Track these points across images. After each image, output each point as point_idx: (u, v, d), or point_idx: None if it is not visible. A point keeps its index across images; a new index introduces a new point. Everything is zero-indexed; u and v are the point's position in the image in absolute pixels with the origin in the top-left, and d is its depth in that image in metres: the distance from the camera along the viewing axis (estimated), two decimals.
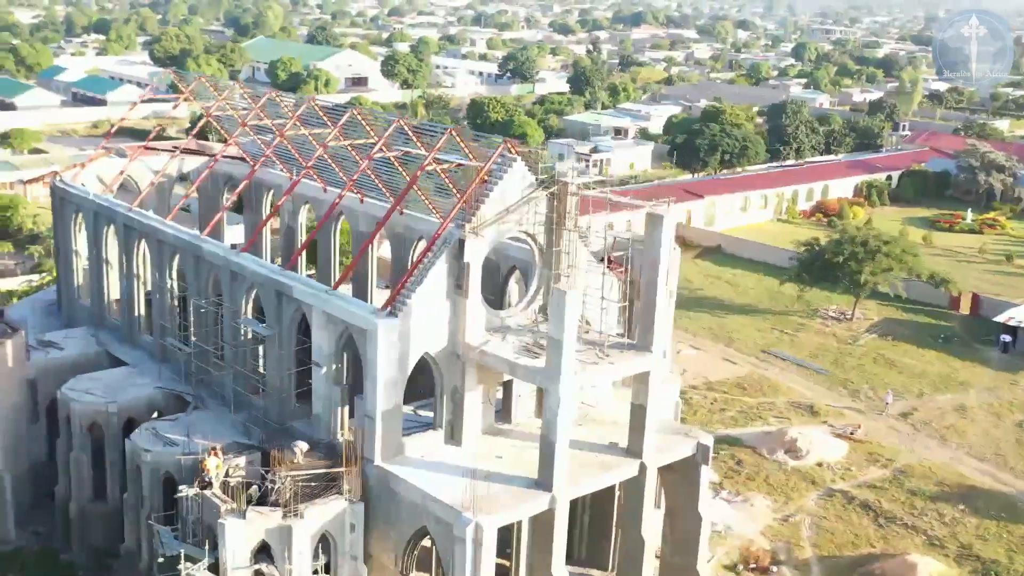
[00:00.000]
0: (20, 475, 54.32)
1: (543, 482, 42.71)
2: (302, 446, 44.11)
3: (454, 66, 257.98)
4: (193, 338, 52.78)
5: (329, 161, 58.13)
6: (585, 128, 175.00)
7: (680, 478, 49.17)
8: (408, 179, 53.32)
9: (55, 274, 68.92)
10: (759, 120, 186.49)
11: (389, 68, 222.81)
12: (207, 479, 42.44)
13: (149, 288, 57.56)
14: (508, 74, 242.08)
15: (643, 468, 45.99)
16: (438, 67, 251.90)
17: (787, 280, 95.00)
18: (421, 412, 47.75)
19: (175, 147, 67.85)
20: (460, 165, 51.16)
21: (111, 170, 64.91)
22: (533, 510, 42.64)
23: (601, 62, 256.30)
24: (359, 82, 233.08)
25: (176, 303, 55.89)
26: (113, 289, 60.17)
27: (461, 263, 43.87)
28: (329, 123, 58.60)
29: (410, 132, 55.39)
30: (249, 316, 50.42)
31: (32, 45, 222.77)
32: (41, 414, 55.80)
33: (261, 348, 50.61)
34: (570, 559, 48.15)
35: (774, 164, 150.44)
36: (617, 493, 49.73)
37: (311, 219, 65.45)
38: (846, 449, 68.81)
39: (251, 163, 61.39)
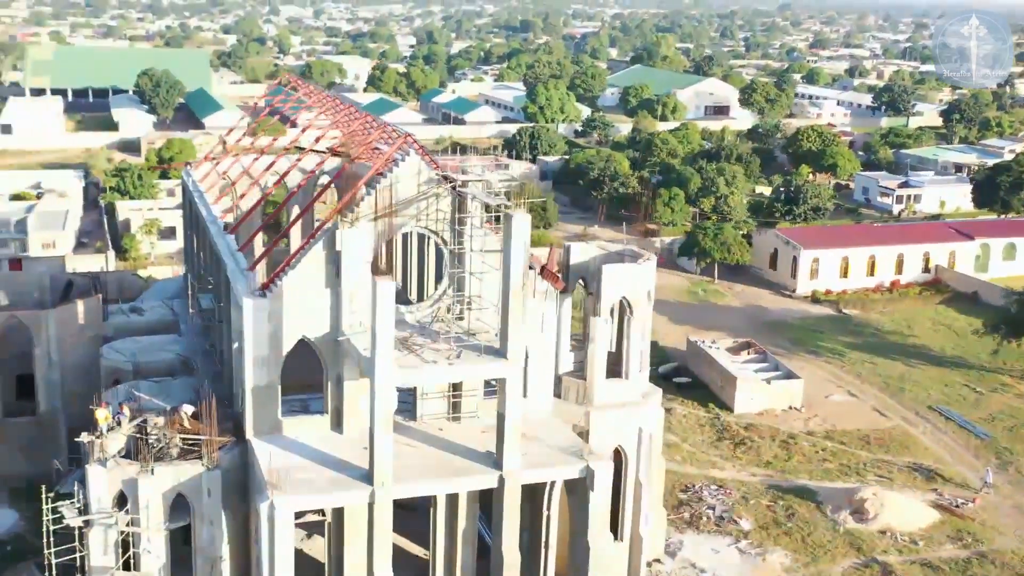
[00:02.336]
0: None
1: (368, 475, 42.57)
2: (187, 410, 47.25)
3: (824, 95, 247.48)
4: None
5: None
6: (917, 162, 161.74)
7: (577, 501, 46.38)
8: None
9: None
10: None
11: (746, 97, 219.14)
12: (100, 429, 46.86)
13: None
14: (883, 106, 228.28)
15: (502, 481, 44.07)
16: (805, 96, 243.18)
17: (984, 333, 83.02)
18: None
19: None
20: (355, 160, 51.70)
21: None
22: (346, 501, 42.63)
23: (1006, 99, 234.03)
24: (720, 110, 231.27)
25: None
26: None
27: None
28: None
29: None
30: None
31: (422, 70, 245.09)
32: None
33: None
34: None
35: None
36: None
37: None
38: (931, 520, 59.77)
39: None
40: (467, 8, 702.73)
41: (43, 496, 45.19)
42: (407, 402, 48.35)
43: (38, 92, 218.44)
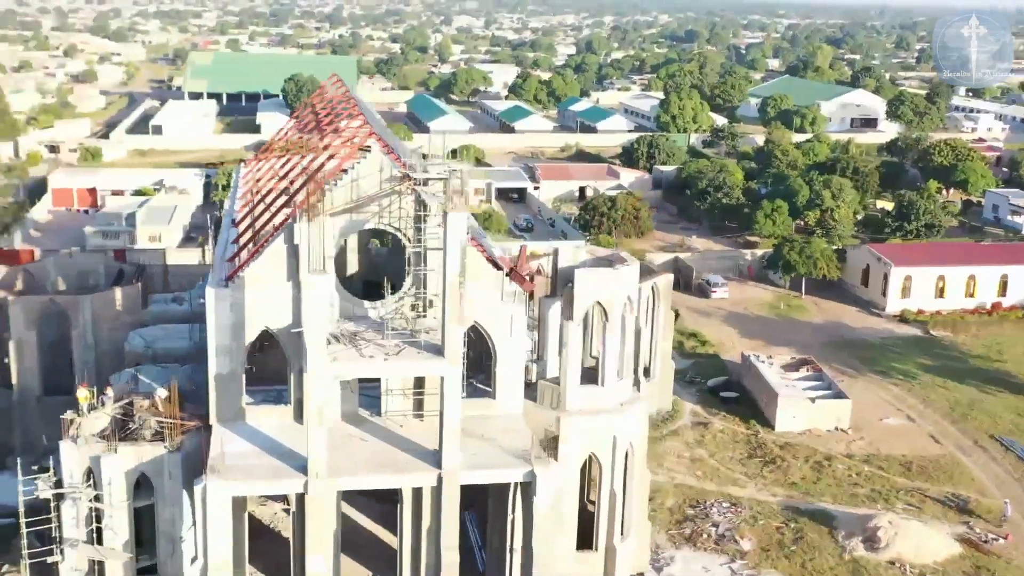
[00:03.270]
0: None
1: (304, 465, 43.25)
2: (160, 394, 49.00)
3: (984, 109, 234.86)
4: None
5: None
6: None
7: (525, 507, 45.80)
8: None
9: None
10: None
11: (893, 109, 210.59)
12: (82, 408, 49.19)
13: None
14: None
15: (441, 479, 44.00)
16: (962, 110, 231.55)
17: None
18: None
19: None
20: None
21: None
22: (280, 490, 43.43)
23: None
24: (868, 123, 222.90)
25: None
26: None
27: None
28: None
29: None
30: None
31: (564, 79, 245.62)
32: None
33: None
34: None
35: None
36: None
37: None
38: (950, 553, 56.33)
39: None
40: (641, 19, 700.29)
41: (18, 469, 47.79)
42: (376, 397, 48.92)
43: (196, 96, 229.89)
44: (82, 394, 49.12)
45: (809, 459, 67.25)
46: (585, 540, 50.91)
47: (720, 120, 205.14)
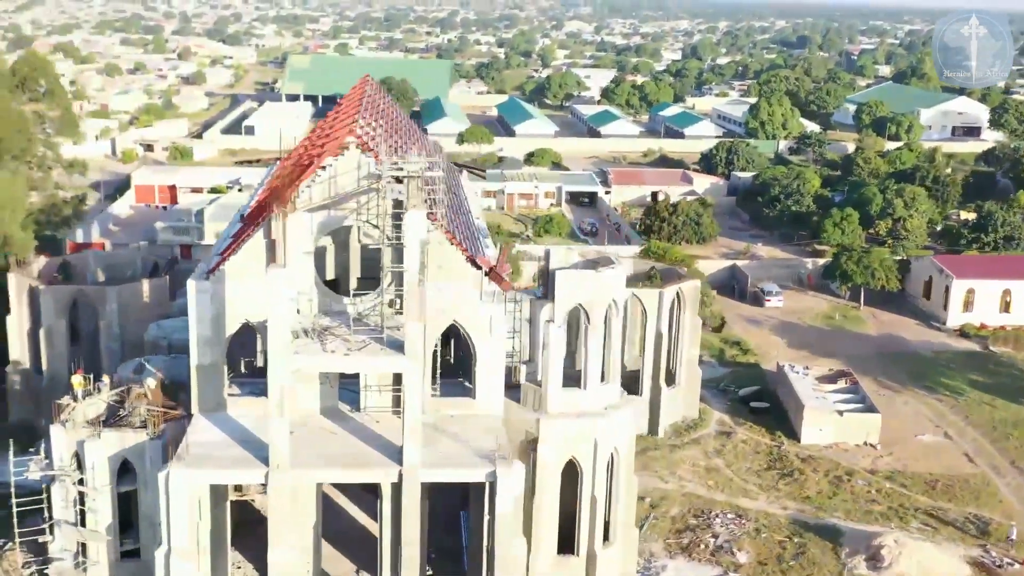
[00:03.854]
0: None
1: (268, 456, 43.88)
2: (150, 383, 50.40)
3: None
4: None
5: None
6: None
7: (489, 507, 45.60)
8: None
9: None
10: None
11: (996, 117, 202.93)
12: (76, 393, 50.84)
13: None
14: None
15: (402, 476, 44.13)
16: None
17: None
18: None
19: None
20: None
21: None
22: (240, 479, 44.26)
23: None
24: (971, 131, 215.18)
25: None
26: None
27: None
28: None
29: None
30: None
31: (657, 84, 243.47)
32: None
33: None
34: None
35: None
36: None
37: None
38: (959, 575, 54.01)
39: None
40: (757, 24, 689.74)
41: (10, 450, 49.67)
42: (357, 392, 49.35)
43: (293, 98, 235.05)
44: (76, 380, 50.83)
45: (829, 473, 65.30)
46: (570, 544, 50.59)
47: (813, 127, 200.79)
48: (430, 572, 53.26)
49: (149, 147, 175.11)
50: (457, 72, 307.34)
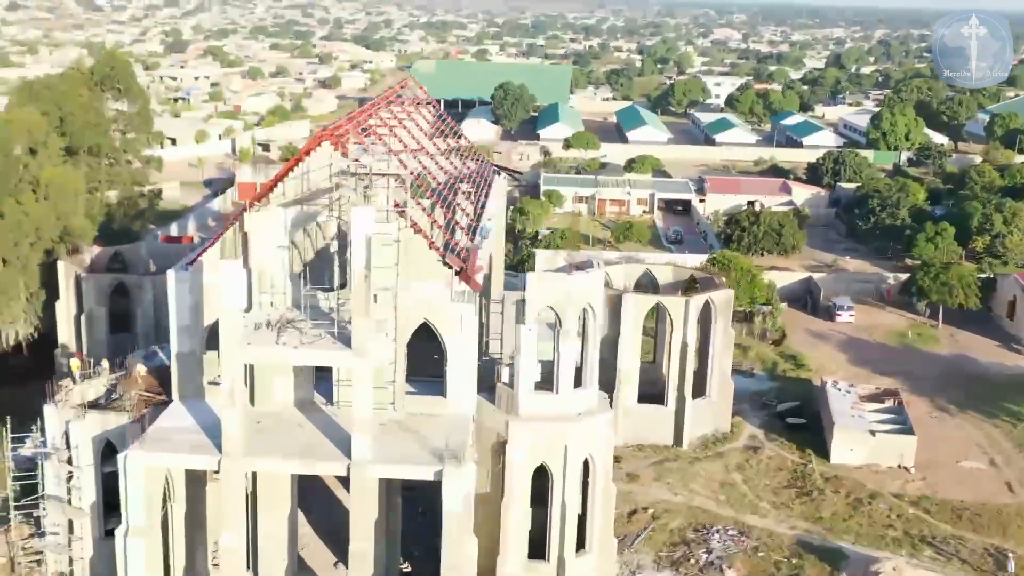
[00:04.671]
0: None
1: (219, 445, 44.93)
2: (140, 369, 52.21)
3: None
4: None
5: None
6: None
7: (438, 507, 45.56)
8: None
9: None
10: None
11: None
12: (74, 375, 53.12)
13: None
14: None
15: (350, 470, 44.51)
16: None
17: None
18: None
19: None
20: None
21: None
22: (194, 464, 45.34)
23: None
24: None
25: None
26: None
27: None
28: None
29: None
30: None
31: (783, 93, 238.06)
32: None
33: None
34: None
35: None
36: None
37: None
38: None
39: None
40: (916, 32, 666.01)
41: (7, 428, 52.24)
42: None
43: None
44: (74, 363, 53.12)
45: (850, 495, 62.67)
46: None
47: (941, 139, 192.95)
48: (408, 569, 53.80)
49: (266, 147, 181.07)
50: (586, 78, 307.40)
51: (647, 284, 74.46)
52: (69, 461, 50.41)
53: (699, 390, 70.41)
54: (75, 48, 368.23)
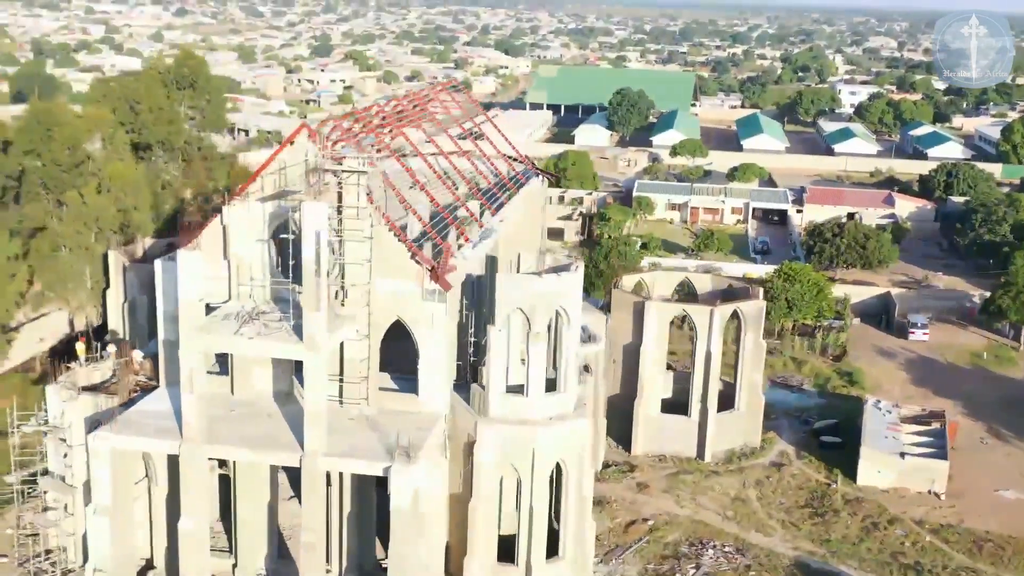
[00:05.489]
0: None
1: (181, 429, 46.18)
2: (136, 355, 54.08)
3: None
4: None
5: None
6: None
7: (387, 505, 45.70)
8: None
9: None
10: None
11: None
12: (80, 359, 55.38)
13: None
14: None
15: (302, 461, 45.06)
16: None
17: None
18: None
19: None
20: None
21: None
22: (154, 448, 46.69)
23: None
24: None
25: None
26: None
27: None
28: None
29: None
30: None
31: (915, 102, 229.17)
32: None
33: None
34: None
35: None
36: None
37: None
38: None
39: None
40: None
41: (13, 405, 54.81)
42: None
43: (537, 107, 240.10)
44: (79, 347, 55.39)
45: (868, 518, 59.91)
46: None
47: None
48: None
49: None
50: (717, 85, 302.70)
51: (686, 292, 73.16)
52: (63, 440, 52.70)
53: (729, 402, 68.61)
54: (226, 51, 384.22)
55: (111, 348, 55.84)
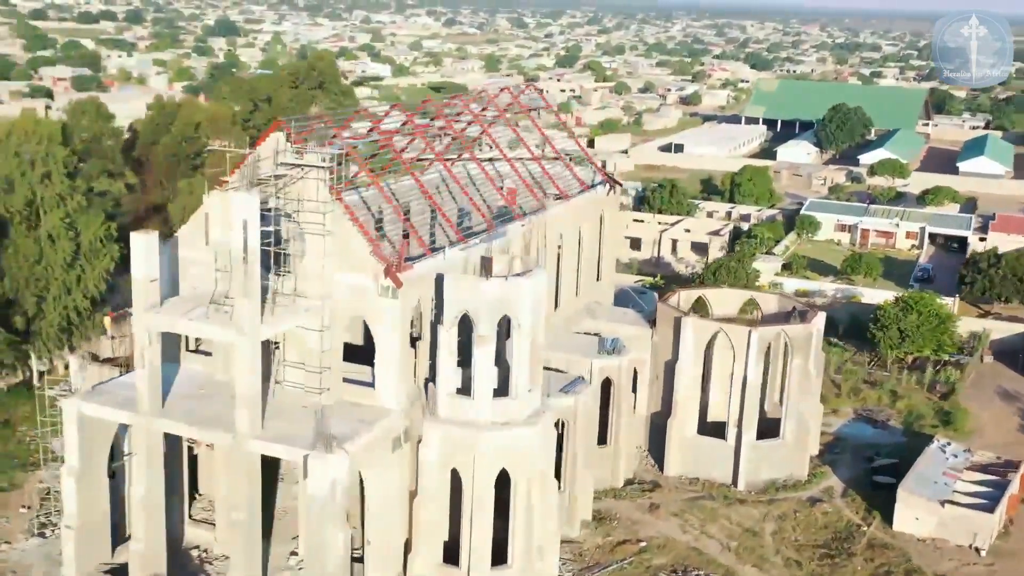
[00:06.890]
0: None
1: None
2: (106, 321, 57.64)
3: None
4: None
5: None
6: None
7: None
8: None
9: None
10: None
11: None
12: (106, 332, 59.50)
13: None
14: None
15: (233, 443, 46.66)
16: None
17: None
18: None
19: None
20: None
21: None
22: (115, 418, 49.43)
23: None
24: None
25: None
26: None
27: None
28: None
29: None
30: None
31: None
32: None
33: None
34: None
35: None
36: None
37: None
38: None
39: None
40: None
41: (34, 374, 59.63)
42: None
43: (753, 121, 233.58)
44: (106, 320, 59.59)
45: (882, 567, 55.12)
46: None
47: None
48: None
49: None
50: (964, 105, 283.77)
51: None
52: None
53: (774, 431, 65.00)
54: (475, 60, 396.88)
55: (107, 321, 59.45)
